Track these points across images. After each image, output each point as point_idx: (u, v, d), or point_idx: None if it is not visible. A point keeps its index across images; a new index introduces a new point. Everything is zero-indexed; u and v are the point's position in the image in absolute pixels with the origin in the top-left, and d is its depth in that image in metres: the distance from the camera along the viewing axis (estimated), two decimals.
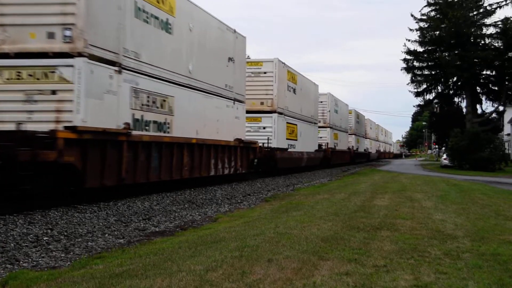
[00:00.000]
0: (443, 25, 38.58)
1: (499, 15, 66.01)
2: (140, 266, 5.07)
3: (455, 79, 41.03)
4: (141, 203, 11.45)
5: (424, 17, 40.80)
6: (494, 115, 44.80)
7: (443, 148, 60.64)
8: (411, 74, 41.81)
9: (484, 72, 40.78)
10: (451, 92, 43.76)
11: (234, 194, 14.47)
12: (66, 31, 10.14)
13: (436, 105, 50.19)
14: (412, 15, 40.88)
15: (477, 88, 42.14)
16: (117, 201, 11.48)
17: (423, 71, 42.03)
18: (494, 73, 40.20)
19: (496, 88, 41.33)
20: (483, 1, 38.57)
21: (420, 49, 41.42)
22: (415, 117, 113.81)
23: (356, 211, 9.07)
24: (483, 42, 39.03)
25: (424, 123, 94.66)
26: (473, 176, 25.91)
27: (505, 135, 53.91)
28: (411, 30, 41.46)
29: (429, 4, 40.47)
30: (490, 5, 38.10)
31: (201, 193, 14.26)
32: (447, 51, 39.85)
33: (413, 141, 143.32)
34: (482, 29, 38.74)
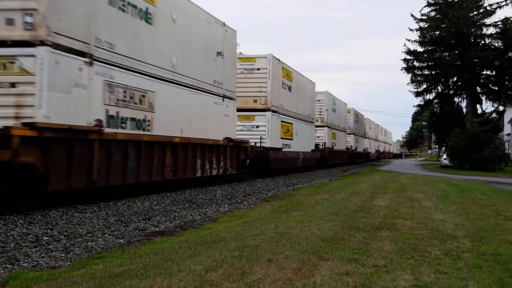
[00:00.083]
0: (443, 25, 38.61)
1: (499, 15, 66.33)
2: (140, 266, 5.07)
3: (455, 79, 41.06)
4: (141, 203, 11.46)
5: (424, 17, 40.86)
6: (494, 115, 44.83)
7: (443, 148, 60.64)
8: (411, 74, 41.87)
9: (484, 72, 40.81)
10: (451, 92, 43.78)
11: (234, 194, 14.47)
12: (27, 17, 9.09)
13: (436, 105, 50.23)
14: (412, 15, 40.97)
15: (477, 88, 42.17)
16: (117, 201, 11.49)
17: (423, 71, 42.07)
18: (494, 73, 40.22)
19: (496, 88, 41.35)
20: (483, 1, 38.60)
21: (420, 49, 41.52)
22: (415, 117, 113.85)
23: (356, 211, 9.08)
24: (483, 42, 39.05)
25: (424, 123, 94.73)
26: (473, 176, 25.91)
27: (505, 135, 53.93)
28: (411, 30, 41.56)
29: (429, 4, 40.50)
30: (490, 5, 38.17)
31: (201, 193, 14.27)
32: (447, 51, 39.88)
33: (413, 141, 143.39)
34: (482, 29, 38.77)
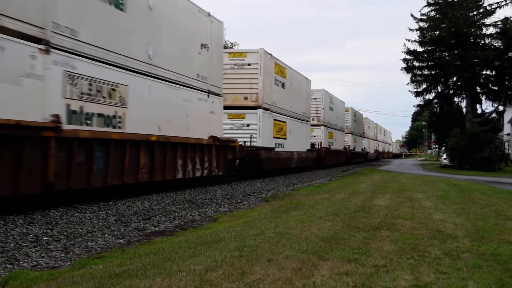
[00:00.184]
0: (443, 25, 38.63)
1: (499, 15, 66.36)
2: (140, 266, 5.07)
3: (455, 79, 41.08)
4: (141, 203, 11.46)
5: (424, 17, 40.88)
6: (494, 115, 44.86)
7: (443, 148, 60.64)
8: (411, 74, 41.90)
9: (484, 72, 40.84)
10: (451, 92, 43.80)
11: (234, 194, 14.47)
12: None
13: (436, 105, 50.26)
14: (412, 15, 41.00)
15: (477, 88, 42.20)
16: (117, 201, 11.49)
17: (423, 71, 42.08)
18: (494, 73, 40.24)
19: (496, 88, 41.39)
20: (483, 1, 38.61)
21: (420, 49, 41.55)
22: (415, 117, 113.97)
23: (356, 211, 9.07)
24: (483, 42, 39.06)
25: (424, 123, 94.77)
26: (473, 176, 25.91)
27: (505, 135, 53.98)
28: (411, 30, 41.61)
29: (429, 4, 40.52)
30: (490, 5, 38.17)
31: (201, 193, 14.27)
32: (447, 51, 39.90)
33: (413, 141, 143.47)
34: (482, 29, 38.78)
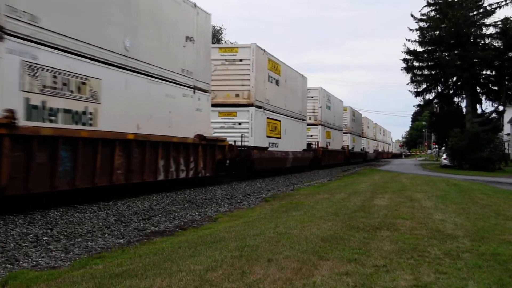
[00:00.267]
0: (443, 25, 38.63)
1: (499, 15, 66.35)
2: (140, 266, 5.07)
3: (455, 79, 41.10)
4: (141, 203, 11.46)
5: (424, 17, 40.89)
6: (494, 115, 44.88)
7: (443, 148, 60.65)
8: (411, 74, 41.90)
9: (484, 72, 40.86)
10: (451, 92, 43.82)
11: (234, 194, 14.47)
12: None
13: (436, 105, 50.27)
14: (412, 15, 41.00)
15: (477, 88, 42.21)
16: (117, 201, 11.49)
17: (423, 71, 42.09)
18: (494, 73, 40.26)
19: (496, 88, 41.41)
20: (483, 1, 38.62)
21: (420, 49, 41.56)
22: (415, 117, 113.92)
23: (356, 211, 9.07)
24: (483, 42, 39.07)
25: (424, 123, 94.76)
26: (473, 176, 25.91)
27: (505, 135, 53.99)
28: (411, 30, 41.61)
29: (429, 4, 40.52)
30: (490, 5, 38.19)
31: (201, 193, 14.27)
32: (447, 51, 39.91)
33: (413, 141, 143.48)
34: (482, 29, 38.80)
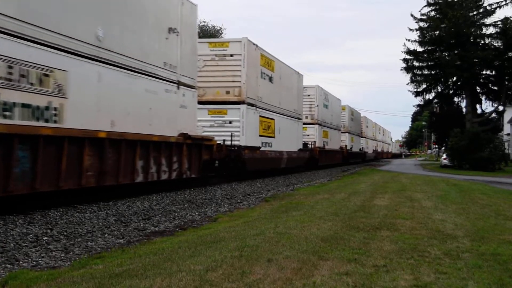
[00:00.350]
0: (443, 25, 38.63)
1: (499, 15, 66.17)
2: (140, 266, 5.07)
3: (455, 79, 41.09)
4: (140, 203, 11.46)
5: (424, 17, 40.88)
6: (494, 115, 44.89)
7: (443, 148, 60.65)
8: (411, 74, 41.89)
9: (484, 72, 40.86)
10: (451, 92, 43.81)
11: (233, 194, 14.47)
12: None
13: (436, 105, 50.26)
14: (412, 15, 40.98)
15: (477, 88, 42.22)
16: (116, 201, 11.49)
17: (423, 71, 42.08)
18: (494, 73, 40.25)
19: (496, 88, 41.40)
20: (483, 1, 38.61)
21: (420, 49, 41.55)
22: (415, 117, 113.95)
23: (356, 211, 9.08)
24: (483, 42, 39.08)
25: (424, 123, 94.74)
26: (473, 176, 25.91)
27: (505, 135, 53.98)
28: (411, 30, 41.59)
29: (429, 4, 40.52)
30: (490, 5, 38.18)
31: (201, 193, 14.27)
32: (447, 51, 39.91)
33: (413, 141, 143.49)
34: (482, 29, 38.79)
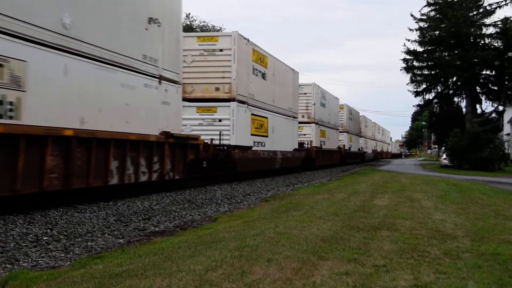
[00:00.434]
0: (443, 25, 38.64)
1: (499, 15, 66.10)
2: (139, 266, 5.07)
3: (454, 79, 41.10)
4: (140, 202, 11.46)
5: (424, 17, 40.90)
6: (493, 115, 44.89)
7: (443, 148, 60.65)
8: (410, 74, 41.92)
9: (484, 72, 40.86)
10: (450, 92, 43.82)
11: (233, 194, 14.47)
12: None
13: (436, 105, 50.28)
14: (412, 15, 41.00)
15: (477, 88, 42.22)
16: (116, 201, 11.49)
17: (423, 71, 42.10)
18: (494, 73, 40.26)
19: (496, 88, 41.41)
20: (483, 1, 38.62)
21: (420, 49, 41.57)
22: (415, 117, 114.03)
23: (355, 211, 9.08)
24: (483, 42, 39.08)
25: (423, 123, 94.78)
26: (473, 176, 25.91)
27: (505, 135, 53.97)
28: (411, 30, 41.63)
29: (429, 4, 40.53)
30: (490, 5, 38.18)
31: (201, 193, 14.27)
32: (447, 51, 39.92)
33: (412, 141, 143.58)
34: (482, 29, 38.80)
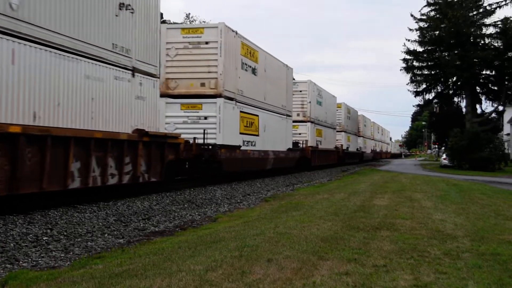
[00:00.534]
0: (442, 25, 38.65)
1: (499, 15, 65.95)
2: (139, 266, 5.07)
3: (454, 79, 41.11)
4: (140, 202, 11.45)
5: (424, 17, 40.91)
6: (493, 115, 44.92)
7: (443, 148, 60.65)
8: (411, 74, 41.92)
9: (484, 72, 40.88)
10: (450, 92, 43.83)
11: (233, 194, 14.47)
12: None
13: (436, 105, 50.29)
14: (412, 15, 41.01)
15: (477, 88, 42.23)
16: (116, 201, 11.48)
17: (423, 71, 42.11)
18: (494, 73, 40.28)
19: (495, 88, 41.43)
20: (482, 1, 38.63)
21: (419, 49, 41.60)
22: (415, 117, 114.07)
23: (355, 211, 9.08)
24: (483, 42, 39.09)
25: (423, 123, 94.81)
26: (472, 176, 25.91)
27: (505, 135, 53.97)
28: (411, 30, 41.61)
29: (429, 4, 40.53)
30: (490, 5, 38.20)
31: (201, 193, 14.26)
32: (446, 51, 39.93)
33: (412, 141, 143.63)
34: (482, 29, 38.81)
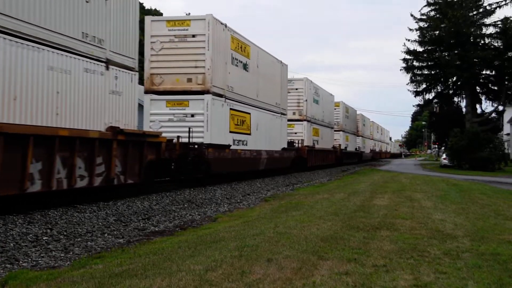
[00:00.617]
0: (442, 25, 38.65)
1: (499, 15, 66.06)
2: (139, 266, 5.07)
3: (454, 79, 41.10)
4: (140, 202, 11.45)
5: (424, 17, 40.90)
6: (493, 115, 44.88)
7: (443, 148, 60.64)
8: (410, 74, 41.90)
9: (484, 72, 40.88)
10: (450, 92, 43.82)
11: (233, 194, 14.47)
12: None
13: (436, 105, 50.26)
14: (412, 15, 41.00)
15: (477, 88, 42.23)
16: (116, 200, 11.49)
17: (423, 70, 42.09)
18: (494, 73, 40.27)
19: (495, 88, 41.42)
20: (482, 1, 38.61)
21: (419, 49, 41.57)
22: (415, 117, 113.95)
23: (355, 210, 9.08)
24: (483, 42, 39.08)
25: (423, 122, 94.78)
26: (472, 176, 25.91)
27: (505, 134, 53.96)
28: (411, 30, 41.65)
29: (429, 4, 40.52)
30: (490, 5, 38.17)
31: (201, 193, 14.26)
32: (446, 51, 39.91)
33: (412, 140, 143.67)
34: (482, 29, 38.79)
